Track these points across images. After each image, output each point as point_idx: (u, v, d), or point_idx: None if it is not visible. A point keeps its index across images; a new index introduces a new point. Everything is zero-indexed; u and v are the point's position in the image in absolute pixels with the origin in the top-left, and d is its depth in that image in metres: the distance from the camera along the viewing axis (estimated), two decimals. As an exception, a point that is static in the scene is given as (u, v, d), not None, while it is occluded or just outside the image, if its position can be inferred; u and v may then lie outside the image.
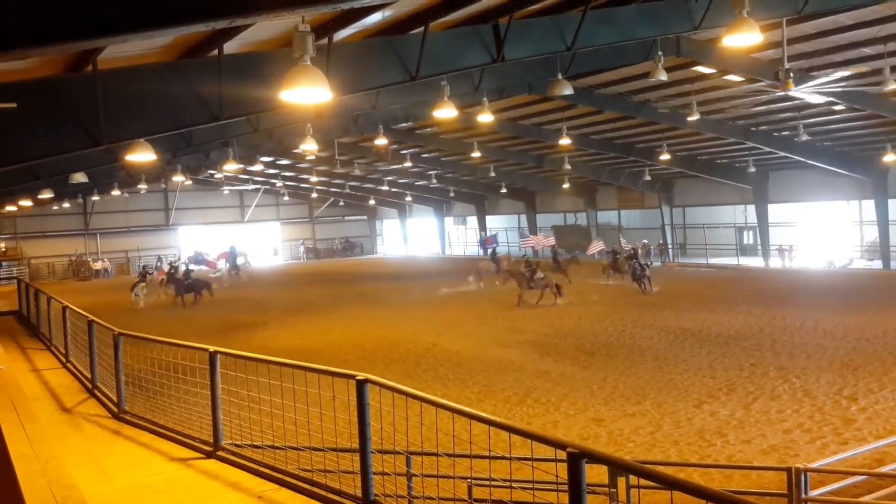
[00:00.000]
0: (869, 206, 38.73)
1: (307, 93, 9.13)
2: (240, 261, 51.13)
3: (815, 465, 9.31)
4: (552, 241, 43.50)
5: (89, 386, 12.22)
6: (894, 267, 36.57)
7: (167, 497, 7.39)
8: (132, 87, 11.10)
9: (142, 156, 16.70)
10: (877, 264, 37.80)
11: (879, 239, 37.71)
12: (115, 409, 10.61)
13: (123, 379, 10.61)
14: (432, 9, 12.47)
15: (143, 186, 47.15)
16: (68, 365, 14.37)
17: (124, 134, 12.01)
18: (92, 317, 12.19)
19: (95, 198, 51.99)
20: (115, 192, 47.20)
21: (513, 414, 14.75)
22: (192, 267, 42.28)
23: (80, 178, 26.57)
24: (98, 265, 58.48)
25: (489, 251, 42.88)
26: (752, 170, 40.03)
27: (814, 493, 8.73)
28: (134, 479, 7.91)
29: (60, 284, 50.06)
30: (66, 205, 55.80)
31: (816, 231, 43.10)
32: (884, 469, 10.09)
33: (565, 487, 4.51)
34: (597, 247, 44.23)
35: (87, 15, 6.73)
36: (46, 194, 33.45)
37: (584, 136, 36.40)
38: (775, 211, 42.86)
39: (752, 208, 43.79)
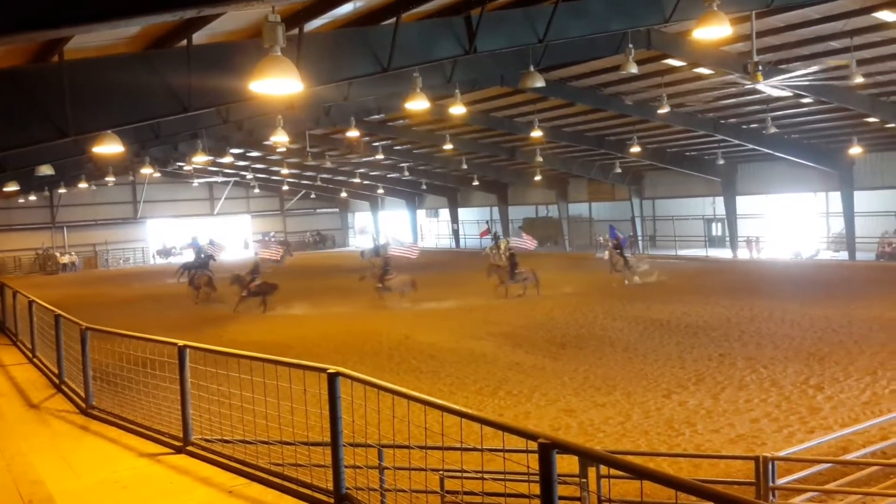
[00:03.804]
0: (835, 197, 39.35)
1: (277, 83, 9.04)
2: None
3: (782, 453, 9.44)
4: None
5: (56, 381, 12.04)
6: (860, 258, 37.18)
7: (136, 493, 7.31)
8: (99, 77, 10.94)
9: (109, 148, 16.45)
10: (843, 255, 38.41)
11: (845, 230, 38.31)
12: (83, 405, 10.46)
13: (91, 374, 10.47)
14: None
15: (110, 179, 46.48)
16: (35, 360, 14.15)
17: (91, 125, 11.82)
18: (59, 311, 12.01)
19: (62, 190, 51.25)
20: (83, 185, 46.52)
21: (485, 406, 14.81)
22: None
23: (46, 170, 26.08)
24: (65, 259, 57.71)
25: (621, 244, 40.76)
26: (721, 162, 40.43)
27: (781, 481, 8.86)
28: (102, 474, 7.82)
29: (27, 279, 49.34)
30: (33, 198, 54.94)
31: (784, 222, 43.70)
32: (849, 457, 10.26)
33: (537, 478, 4.53)
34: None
35: (53, 4, 6.61)
36: (12, 187, 32.95)
37: (556, 128, 36.53)
38: (743, 203, 43.37)
39: (720, 200, 44.25)
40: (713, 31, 12.71)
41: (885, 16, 19.31)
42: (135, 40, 11.68)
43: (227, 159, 42.27)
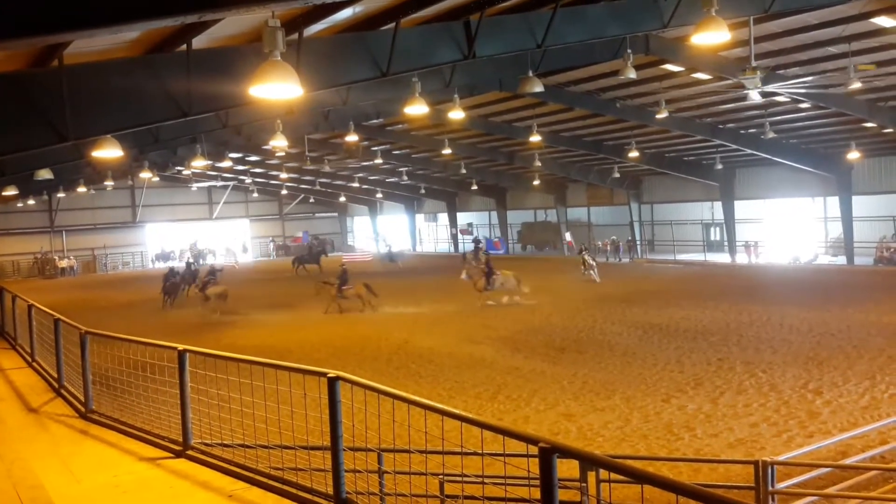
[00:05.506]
0: (833, 202, 39.39)
1: (277, 88, 9.07)
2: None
3: (781, 458, 9.45)
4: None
5: (56, 385, 12.03)
6: (858, 263, 37.21)
7: (136, 497, 7.30)
8: (99, 82, 10.94)
9: (108, 152, 16.45)
10: (841, 260, 38.44)
11: (843, 235, 38.35)
12: (83, 409, 10.45)
13: (91, 378, 10.46)
14: (403, 5, 12.43)
15: (109, 183, 46.59)
16: (34, 364, 14.13)
17: (91, 130, 11.84)
18: (58, 315, 12.00)
19: (61, 195, 51.18)
20: (81, 189, 46.59)
21: (484, 410, 14.81)
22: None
23: (45, 174, 26.13)
24: (64, 263, 57.64)
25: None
26: (719, 167, 40.53)
27: (780, 485, 8.86)
28: (102, 479, 7.81)
29: (25, 283, 49.27)
30: (31, 202, 54.90)
31: (782, 227, 43.72)
32: (848, 461, 10.27)
33: (537, 482, 4.54)
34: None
35: (54, 9, 6.62)
36: (11, 191, 32.90)
37: (554, 133, 36.60)
38: (742, 207, 43.40)
39: (718, 205, 44.30)
40: (711, 36, 12.74)
41: (882, 21, 19.38)
42: (135, 45, 11.69)
43: (226, 164, 42.21)
